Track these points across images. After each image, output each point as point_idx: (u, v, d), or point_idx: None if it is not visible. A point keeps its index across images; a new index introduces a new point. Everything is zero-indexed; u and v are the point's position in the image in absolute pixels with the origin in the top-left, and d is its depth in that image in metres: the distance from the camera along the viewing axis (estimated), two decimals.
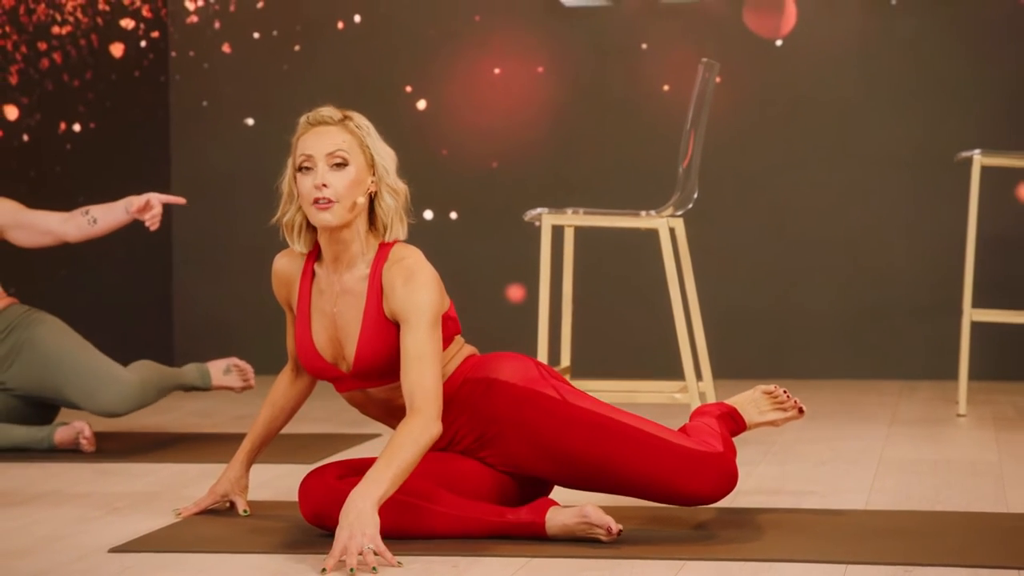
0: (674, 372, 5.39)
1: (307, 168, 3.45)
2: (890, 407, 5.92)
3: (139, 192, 4.95)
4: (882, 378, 6.83)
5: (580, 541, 3.35)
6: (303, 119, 3.50)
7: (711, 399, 5.11)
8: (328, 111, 3.49)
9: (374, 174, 3.49)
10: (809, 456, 4.65)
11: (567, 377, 5.22)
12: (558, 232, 5.37)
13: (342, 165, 3.44)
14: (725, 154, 6.76)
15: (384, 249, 3.49)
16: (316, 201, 3.41)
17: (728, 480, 3.49)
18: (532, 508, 3.41)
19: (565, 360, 5.22)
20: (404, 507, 3.40)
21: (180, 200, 4.85)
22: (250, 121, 7.28)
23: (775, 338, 6.92)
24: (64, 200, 7.00)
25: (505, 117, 7.09)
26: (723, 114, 6.63)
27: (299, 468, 4.53)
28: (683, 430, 3.63)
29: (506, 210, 7.06)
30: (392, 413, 3.55)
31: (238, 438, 5.11)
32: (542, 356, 4.92)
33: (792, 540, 3.38)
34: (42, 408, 5.05)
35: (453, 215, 7.11)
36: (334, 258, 3.50)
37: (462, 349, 3.57)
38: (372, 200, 3.49)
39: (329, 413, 5.32)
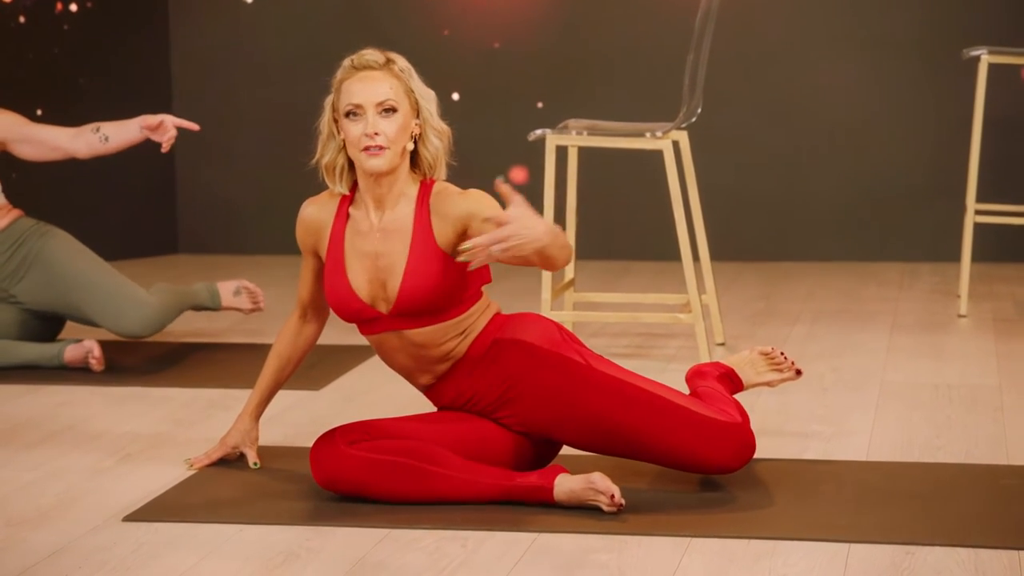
0: (674, 254, 5.36)
1: (355, 115, 3.49)
2: (891, 303, 5.95)
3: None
4: (884, 260, 6.86)
5: (586, 511, 3.41)
6: (347, 62, 3.53)
7: (714, 314, 5.15)
8: (372, 55, 3.52)
9: (418, 116, 3.54)
10: (811, 380, 4.69)
11: (571, 292, 5.26)
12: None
13: (391, 111, 3.49)
14: (729, 39, 6.70)
15: (426, 187, 3.55)
16: (367, 148, 3.47)
17: (746, 450, 3.54)
18: (542, 473, 3.47)
19: (569, 273, 5.24)
20: (413, 472, 3.46)
21: (194, 126, 4.85)
22: None
23: (778, 221, 6.93)
24: (63, 83, 6.96)
25: None
26: None
27: (308, 396, 4.59)
28: (696, 395, 3.67)
29: (508, 91, 7.02)
30: (421, 365, 3.58)
31: (245, 350, 5.17)
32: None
33: (796, 510, 3.44)
34: (49, 321, 5.10)
35: (455, 96, 7.07)
36: (377, 200, 3.55)
37: (489, 306, 3.62)
38: (416, 142, 3.54)
39: (332, 319, 5.34)
